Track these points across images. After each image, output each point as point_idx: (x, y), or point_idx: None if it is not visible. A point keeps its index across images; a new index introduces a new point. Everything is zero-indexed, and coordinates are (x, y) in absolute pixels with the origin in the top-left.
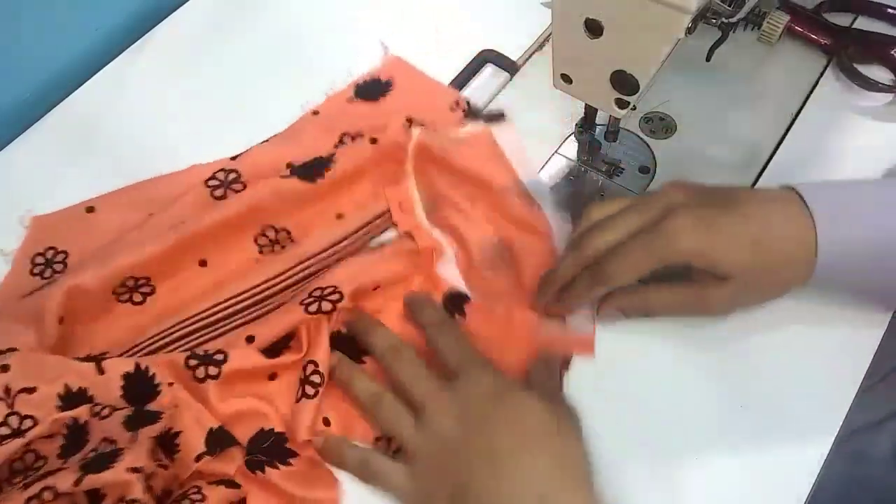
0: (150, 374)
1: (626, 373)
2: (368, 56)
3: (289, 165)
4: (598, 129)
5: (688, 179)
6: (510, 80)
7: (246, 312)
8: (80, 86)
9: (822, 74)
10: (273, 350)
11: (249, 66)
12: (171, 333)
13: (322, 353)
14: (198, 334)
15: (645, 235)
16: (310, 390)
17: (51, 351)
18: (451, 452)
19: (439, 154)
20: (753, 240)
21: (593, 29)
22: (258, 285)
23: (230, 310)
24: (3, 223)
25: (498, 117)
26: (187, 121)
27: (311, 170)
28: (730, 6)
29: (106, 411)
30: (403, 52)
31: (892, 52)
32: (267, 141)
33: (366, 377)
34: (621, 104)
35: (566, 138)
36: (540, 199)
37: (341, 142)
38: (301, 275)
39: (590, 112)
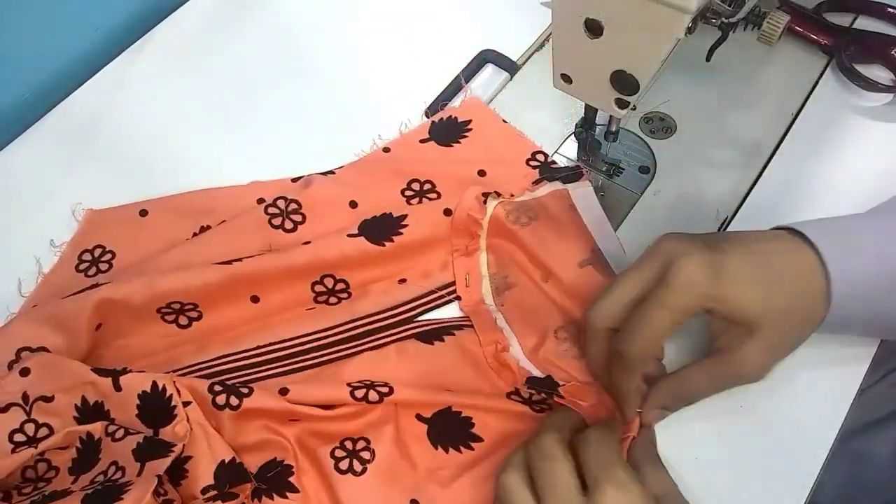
0: (168, 395)
1: None
2: (368, 56)
3: (352, 204)
4: (598, 129)
5: (682, 231)
6: (510, 80)
7: (287, 362)
8: (80, 86)
9: (822, 74)
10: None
11: (249, 66)
12: (207, 369)
13: (386, 440)
14: (233, 374)
15: (654, 295)
16: (357, 466)
17: (81, 359)
18: None
19: (514, 229)
20: (761, 276)
21: (593, 29)
22: (307, 335)
23: (273, 355)
24: (4, 223)
25: (575, 175)
26: (187, 121)
27: (381, 231)
28: (730, 6)
29: (119, 433)
30: (404, 52)
31: (892, 52)
32: (332, 172)
33: None
34: (621, 104)
35: (566, 138)
36: (618, 265)
37: (409, 188)
38: (350, 333)
39: (590, 112)
